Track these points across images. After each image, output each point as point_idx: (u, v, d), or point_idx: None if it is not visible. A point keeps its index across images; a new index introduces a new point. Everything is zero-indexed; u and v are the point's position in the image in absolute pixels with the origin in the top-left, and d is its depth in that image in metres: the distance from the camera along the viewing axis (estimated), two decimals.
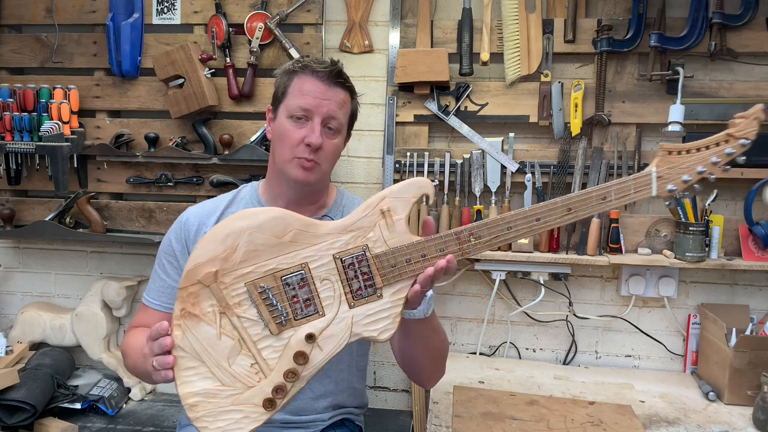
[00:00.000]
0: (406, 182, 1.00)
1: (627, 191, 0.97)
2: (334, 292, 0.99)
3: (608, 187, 0.97)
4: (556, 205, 0.98)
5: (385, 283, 0.99)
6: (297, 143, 1.19)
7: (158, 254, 1.32)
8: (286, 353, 0.97)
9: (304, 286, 0.98)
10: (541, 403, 1.66)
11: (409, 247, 0.99)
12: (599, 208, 0.98)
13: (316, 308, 0.99)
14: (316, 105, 1.18)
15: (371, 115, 2.06)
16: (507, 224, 0.98)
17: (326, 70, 1.19)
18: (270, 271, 0.98)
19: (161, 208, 2.07)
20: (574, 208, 0.98)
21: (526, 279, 2.01)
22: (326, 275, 0.99)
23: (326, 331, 0.98)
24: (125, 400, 2.04)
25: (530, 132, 2.00)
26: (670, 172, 0.97)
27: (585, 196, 0.97)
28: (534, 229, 0.99)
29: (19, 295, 2.29)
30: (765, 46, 1.84)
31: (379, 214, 0.99)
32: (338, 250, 0.99)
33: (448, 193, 1.97)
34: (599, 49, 1.86)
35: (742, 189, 1.90)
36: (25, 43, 2.10)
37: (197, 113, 1.99)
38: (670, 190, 0.97)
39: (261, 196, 1.32)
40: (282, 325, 0.98)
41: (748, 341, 1.68)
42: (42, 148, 1.97)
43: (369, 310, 0.99)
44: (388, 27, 2.01)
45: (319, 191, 1.30)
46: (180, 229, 1.29)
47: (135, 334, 1.26)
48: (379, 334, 0.99)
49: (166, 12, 2.04)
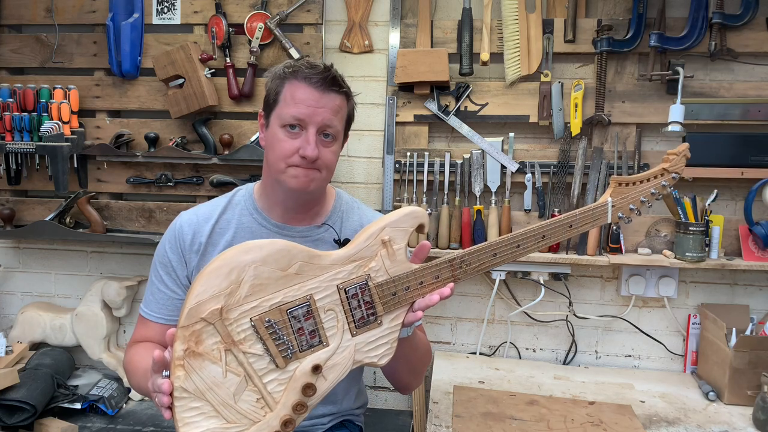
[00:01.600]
0: (404, 212, 1.04)
1: (587, 219, 1.12)
2: (337, 322, 1.00)
3: (574, 216, 1.10)
4: (533, 232, 1.08)
5: (385, 311, 1.02)
6: (291, 154, 1.14)
7: (154, 263, 1.27)
8: (292, 385, 0.98)
9: (309, 318, 0.99)
10: (541, 403, 1.66)
11: (409, 276, 1.03)
12: (567, 234, 1.10)
13: (321, 339, 0.99)
14: (310, 114, 1.12)
15: (371, 115, 2.06)
16: (493, 251, 1.06)
17: (320, 77, 1.13)
18: (276, 304, 0.97)
19: (161, 208, 2.06)
20: (548, 234, 1.09)
21: (526, 279, 2.01)
22: (330, 306, 1.00)
23: (330, 361, 1.00)
24: (125, 400, 2.04)
25: (530, 132, 2.00)
26: (622, 201, 1.14)
27: (556, 225, 1.09)
28: (516, 255, 1.07)
29: (19, 295, 2.29)
30: (765, 46, 1.84)
31: (381, 243, 1.02)
32: (342, 280, 1.00)
33: (448, 193, 1.97)
34: (599, 49, 1.86)
35: (742, 189, 1.90)
36: (25, 43, 2.10)
37: (197, 113, 1.99)
38: (620, 216, 1.14)
39: (257, 201, 1.27)
40: (288, 358, 0.98)
41: (748, 341, 1.68)
42: (42, 148, 1.97)
43: (370, 337, 1.02)
44: (388, 27, 2.01)
45: (317, 198, 1.26)
46: (175, 239, 1.25)
47: (138, 350, 1.22)
48: (379, 359, 1.02)
49: (166, 12, 2.04)
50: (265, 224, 1.24)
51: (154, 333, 1.25)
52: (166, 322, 1.25)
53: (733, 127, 1.88)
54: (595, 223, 1.12)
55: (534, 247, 1.08)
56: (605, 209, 1.12)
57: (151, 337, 1.25)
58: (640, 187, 1.14)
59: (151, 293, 1.26)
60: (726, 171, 1.83)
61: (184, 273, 1.25)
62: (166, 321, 1.25)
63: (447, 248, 1.94)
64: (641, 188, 1.14)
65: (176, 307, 1.25)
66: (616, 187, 1.13)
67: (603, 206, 1.12)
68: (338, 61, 2.05)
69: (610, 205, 1.12)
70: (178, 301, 1.25)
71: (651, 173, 1.15)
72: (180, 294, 1.25)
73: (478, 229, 1.95)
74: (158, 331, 1.25)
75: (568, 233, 1.10)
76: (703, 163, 1.83)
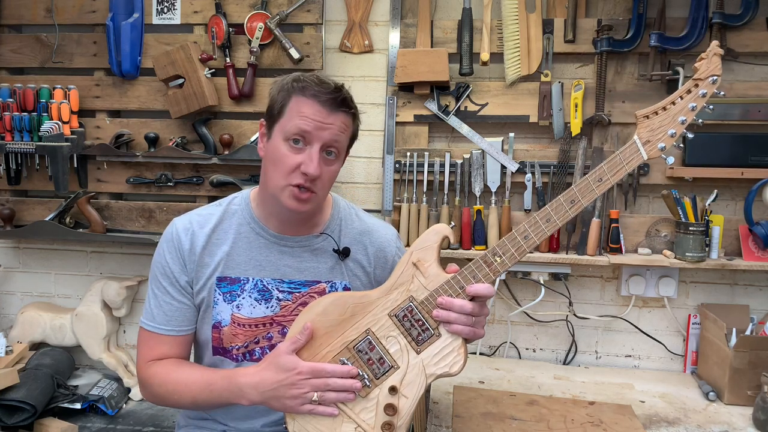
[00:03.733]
0: (426, 233, 1.11)
1: (619, 165, 1.04)
2: (399, 345, 1.10)
3: (600, 169, 1.04)
4: (559, 202, 1.06)
5: (438, 323, 1.09)
6: (292, 170, 1.10)
7: (153, 275, 1.22)
8: (378, 410, 1.10)
9: (373, 348, 1.11)
10: (541, 403, 1.66)
11: (447, 284, 1.09)
12: (599, 189, 1.05)
13: (391, 364, 1.10)
14: (316, 129, 1.09)
15: (371, 115, 2.06)
16: (523, 234, 1.07)
17: (330, 96, 1.09)
18: (343, 344, 1.11)
19: (161, 208, 2.06)
20: (576, 198, 1.05)
21: (526, 279, 2.01)
22: (388, 332, 1.11)
23: (405, 380, 1.09)
24: (125, 400, 2.04)
25: (530, 132, 2.00)
26: (653, 133, 1.03)
27: (583, 184, 1.05)
28: (549, 229, 1.06)
29: (19, 295, 2.29)
30: (765, 46, 1.84)
31: (413, 267, 1.10)
32: (390, 308, 1.11)
33: (448, 193, 1.97)
34: (599, 49, 1.86)
35: (742, 189, 1.90)
36: (25, 43, 2.10)
37: (197, 113, 1.99)
38: (660, 148, 1.03)
39: (254, 210, 1.23)
40: (367, 387, 1.10)
41: (748, 341, 1.68)
42: (42, 148, 1.97)
43: (434, 350, 1.09)
44: (388, 27, 2.01)
45: (314, 211, 1.21)
46: (174, 247, 1.20)
47: (176, 368, 1.18)
48: (450, 368, 1.09)
49: (166, 12, 2.04)
50: (263, 234, 1.21)
51: (170, 347, 1.20)
52: (178, 334, 1.21)
53: (733, 127, 1.87)
54: (628, 165, 1.04)
55: (565, 216, 1.05)
56: (635, 149, 1.04)
57: (171, 353, 1.21)
58: (671, 111, 1.03)
59: (157, 306, 1.20)
60: (726, 171, 1.83)
61: (186, 280, 1.20)
62: (179, 332, 1.21)
63: (447, 248, 1.94)
64: (674, 110, 1.03)
65: (185, 316, 1.21)
66: (643, 121, 1.04)
67: (631, 146, 1.04)
68: (338, 61, 2.05)
69: (638, 142, 1.04)
70: (186, 309, 1.21)
71: (682, 90, 1.04)
72: (186, 303, 1.21)
73: (478, 229, 1.95)
74: (174, 344, 1.21)
75: (600, 188, 1.04)
76: (703, 163, 1.84)
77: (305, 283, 1.22)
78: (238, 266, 1.20)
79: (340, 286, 1.24)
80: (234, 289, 1.20)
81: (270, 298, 1.21)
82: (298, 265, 1.22)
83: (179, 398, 1.16)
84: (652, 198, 1.98)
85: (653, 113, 1.05)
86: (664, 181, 1.91)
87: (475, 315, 1.07)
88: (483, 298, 1.08)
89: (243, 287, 1.20)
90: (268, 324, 1.21)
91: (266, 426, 1.25)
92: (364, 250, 1.26)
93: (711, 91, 1.02)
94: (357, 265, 1.26)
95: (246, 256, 1.21)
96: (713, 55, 1.02)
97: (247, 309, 1.20)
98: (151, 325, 1.21)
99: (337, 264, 1.24)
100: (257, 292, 1.21)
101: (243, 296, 1.20)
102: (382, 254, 1.27)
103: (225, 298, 1.20)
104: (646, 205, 1.98)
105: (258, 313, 1.21)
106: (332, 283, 1.23)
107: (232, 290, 1.20)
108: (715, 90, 1.02)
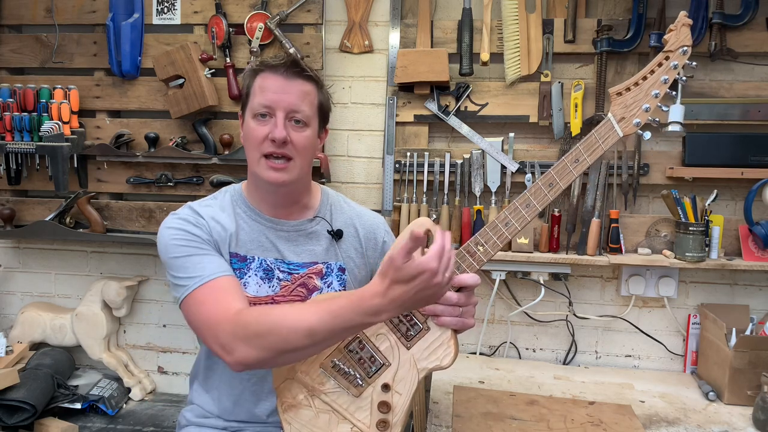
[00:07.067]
0: (406, 229, 1.07)
1: (594, 144, 1.05)
2: (389, 342, 1.11)
3: (576, 149, 1.05)
4: (537, 186, 1.06)
5: (426, 317, 1.09)
6: (262, 140, 1.14)
7: (175, 247, 1.15)
8: (373, 408, 1.11)
9: (364, 347, 1.11)
10: (541, 403, 1.66)
11: None
12: (576, 170, 1.06)
13: (382, 362, 1.11)
14: (276, 100, 1.14)
15: (371, 115, 2.06)
16: (503, 221, 1.08)
17: (282, 63, 1.16)
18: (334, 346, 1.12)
19: (161, 208, 2.06)
20: (555, 181, 1.06)
21: (526, 279, 2.01)
22: (377, 330, 1.11)
23: (397, 377, 1.10)
24: (125, 400, 2.04)
25: (530, 132, 2.00)
26: (627, 109, 1.03)
27: (560, 166, 1.06)
28: (529, 216, 1.07)
29: (19, 295, 2.29)
30: (765, 46, 1.84)
31: None
32: None
33: (448, 193, 1.97)
34: (599, 49, 1.86)
35: (742, 189, 1.90)
36: (25, 43, 2.10)
37: (197, 113, 1.99)
38: (636, 123, 1.03)
39: (247, 198, 1.25)
40: (360, 386, 1.11)
41: (748, 341, 1.68)
42: (42, 148, 1.97)
43: (424, 344, 1.09)
44: (388, 27, 2.01)
45: (301, 191, 1.24)
46: (192, 223, 1.18)
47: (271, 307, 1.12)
48: (441, 361, 1.08)
49: (166, 12, 2.04)
50: (259, 219, 1.24)
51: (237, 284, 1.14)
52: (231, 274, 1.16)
53: (733, 127, 1.87)
54: (604, 144, 1.04)
55: (545, 200, 1.06)
56: (609, 126, 1.05)
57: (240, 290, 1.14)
58: (644, 86, 1.03)
59: (200, 262, 1.13)
60: (726, 171, 1.83)
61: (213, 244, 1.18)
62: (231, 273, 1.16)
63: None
64: (646, 85, 1.03)
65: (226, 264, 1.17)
66: (616, 99, 1.05)
67: (606, 124, 1.05)
68: (338, 61, 2.05)
69: (613, 119, 1.04)
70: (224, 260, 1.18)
71: (652, 64, 1.03)
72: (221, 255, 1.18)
73: (478, 229, 1.94)
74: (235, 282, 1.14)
75: (577, 169, 1.05)
76: (703, 163, 1.84)
77: (303, 264, 1.25)
78: (245, 245, 1.22)
79: (335, 267, 1.26)
80: (242, 266, 1.22)
81: (272, 278, 1.23)
82: (294, 248, 1.25)
83: (287, 333, 1.00)
84: (652, 198, 1.98)
85: (625, 89, 1.04)
86: (664, 181, 1.91)
87: (462, 305, 1.07)
88: (469, 288, 1.08)
89: (249, 266, 1.22)
90: (269, 303, 1.23)
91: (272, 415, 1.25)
92: (355, 232, 1.30)
93: (682, 62, 1.01)
94: (350, 247, 1.29)
95: (249, 237, 1.23)
96: (682, 26, 1.02)
97: (253, 287, 1.22)
98: (210, 277, 1.11)
99: (332, 245, 1.27)
100: (262, 271, 1.23)
101: (249, 275, 1.22)
102: (372, 236, 1.31)
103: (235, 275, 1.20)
104: (646, 205, 1.98)
105: (262, 292, 1.22)
106: (328, 264, 1.26)
107: (240, 268, 1.21)
108: (687, 61, 1.01)
